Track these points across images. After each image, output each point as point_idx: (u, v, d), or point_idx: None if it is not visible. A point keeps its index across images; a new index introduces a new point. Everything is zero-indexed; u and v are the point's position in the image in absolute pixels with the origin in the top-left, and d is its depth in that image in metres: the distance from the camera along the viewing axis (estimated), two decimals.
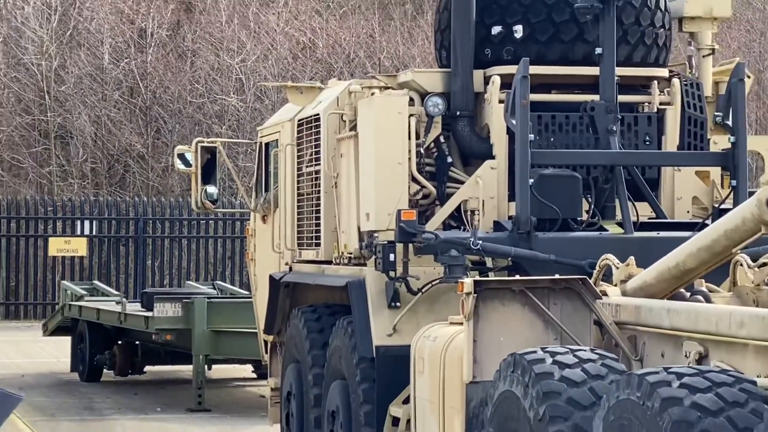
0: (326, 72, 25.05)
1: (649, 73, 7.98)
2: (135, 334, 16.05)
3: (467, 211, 7.47)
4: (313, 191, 8.72)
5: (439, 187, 7.83)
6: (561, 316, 5.53)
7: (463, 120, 7.86)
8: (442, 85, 7.81)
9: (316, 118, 8.65)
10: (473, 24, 7.94)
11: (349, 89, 7.89)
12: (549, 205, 6.94)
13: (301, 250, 8.87)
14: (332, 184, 8.38)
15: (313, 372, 7.85)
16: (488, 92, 7.68)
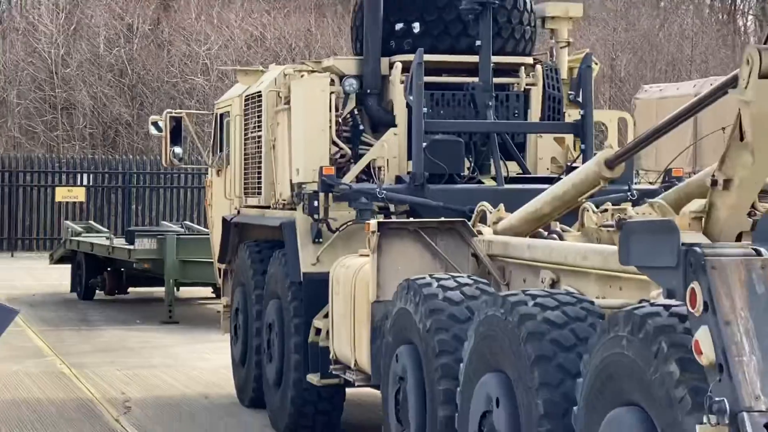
0: (273, 59, 25.39)
1: (518, 60, 7.86)
2: (121, 263, 15.77)
3: (375, 167, 7.36)
4: (256, 152, 8.51)
5: (354, 149, 7.69)
6: (446, 250, 5.56)
7: (372, 97, 7.73)
8: (356, 69, 7.69)
9: (259, 94, 8.51)
10: (380, 21, 7.73)
11: (284, 72, 7.69)
12: (438, 164, 6.95)
13: (247, 198, 8.71)
14: (271, 147, 8.22)
15: (255, 293, 7.81)
16: (392, 75, 7.64)
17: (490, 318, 3.61)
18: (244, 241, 8.36)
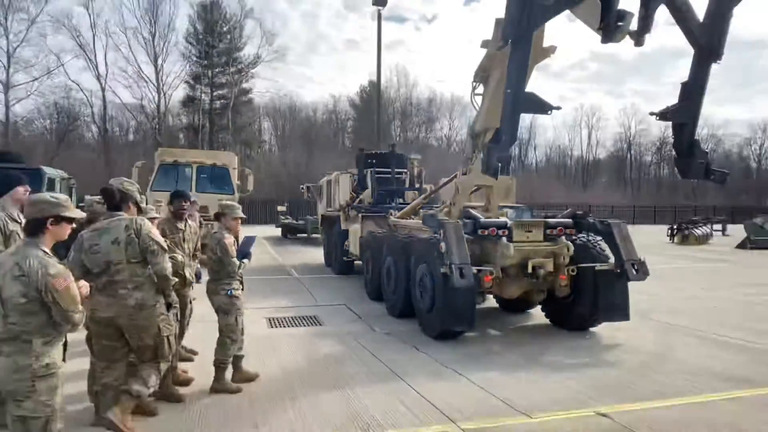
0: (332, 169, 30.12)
1: (404, 169, 14.26)
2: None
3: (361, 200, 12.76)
4: (332, 194, 15.99)
5: (355, 196, 13.00)
6: (379, 223, 11.08)
7: (360, 181, 13.27)
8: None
9: (329, 180, 16.48)
10: (363, 164, 14.14)
11: (336, 174, 15.80)
12: (382, 199, 13.45)
13: (327, 209, 16.13)
14: (334, 193, 15.50)
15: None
16: (368, 175, 13.18)
17: (391, 240, 8.56)
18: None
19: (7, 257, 2.62)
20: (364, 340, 6.63)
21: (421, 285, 6.99)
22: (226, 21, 49.93)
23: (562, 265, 6.77)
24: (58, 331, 2.65)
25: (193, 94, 49.75)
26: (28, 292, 2.50)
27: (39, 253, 2.58)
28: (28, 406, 2.52)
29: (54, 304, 2.53)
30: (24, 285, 2.49)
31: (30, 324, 2.52)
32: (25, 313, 2.50)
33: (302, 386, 4.87)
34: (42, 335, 2.57)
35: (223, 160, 15.89)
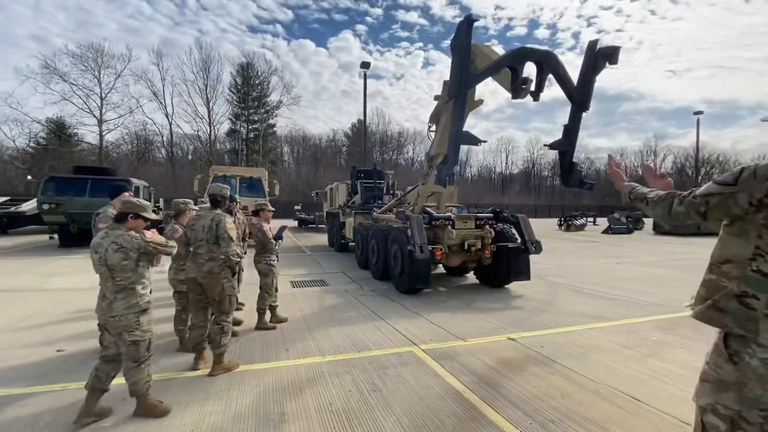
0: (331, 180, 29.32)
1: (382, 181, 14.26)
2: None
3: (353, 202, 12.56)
4: (332, 197, 16.33)
5: (349, 199, 13.36)
6: (366, 217, 11.36)
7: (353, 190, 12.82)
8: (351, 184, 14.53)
9: (332, 188, 15.65)
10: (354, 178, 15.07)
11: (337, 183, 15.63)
12: (366, 202, 12.82)
13: (327, 208, 16.42)
14: (334, 197, 15.69)
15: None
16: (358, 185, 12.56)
17: (374, 228, 8.25)
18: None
19: (102, 240, 2.66)
20: (356, 294, 6.63)
21: (395, 258, 6.99)
22: (257, 76, 48.84)
23: (487, 244, 6.85)
24: (148, 280, 2.79)
25: (235, 127, 48.66)
26: (127, 256, 2.62)
27: (123, 233, 2.68)
28: (137, 333, 2.66)
29: (155, 248, 2.74)
30: (123, 253, 2.62)
31: (130, 278, 2.65)
32: (126, 270, 2.63)
33: (316, 325, 4.93)
34: (140, 283, 2.70)
35: (257, 173, 15.73)
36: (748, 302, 1.28)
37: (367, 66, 23.00)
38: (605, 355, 3.95)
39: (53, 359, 3.78)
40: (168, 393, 3.08)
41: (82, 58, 36.85)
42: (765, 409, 1.24)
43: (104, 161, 36.32)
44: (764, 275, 1.26)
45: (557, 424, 2.69)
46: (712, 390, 1.34)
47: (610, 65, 5.81)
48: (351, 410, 2.85)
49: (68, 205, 11.77)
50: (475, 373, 3.47)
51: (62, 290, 6.65)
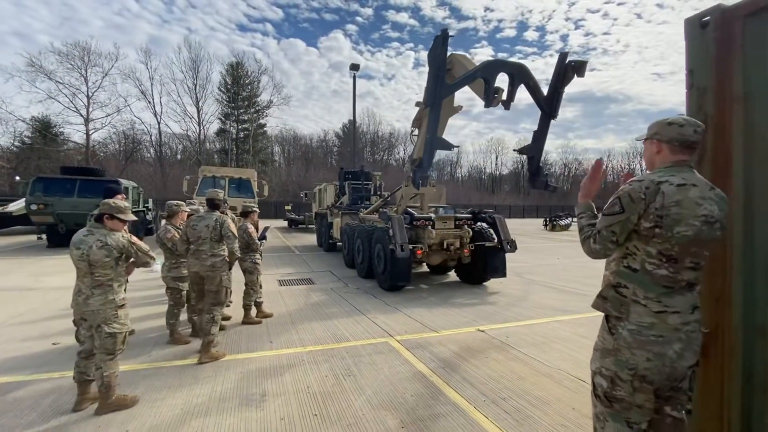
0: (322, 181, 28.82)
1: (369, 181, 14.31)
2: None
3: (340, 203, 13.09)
4: (321, 198, 16.42)
5: (337, 200, 13.17)
6: (353, 217, 11.95)
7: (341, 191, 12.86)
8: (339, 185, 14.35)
9: (320, 188, 15.86)
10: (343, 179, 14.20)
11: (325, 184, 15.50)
12: (353, 202, 13.01)
13: (316, 209, 16.62)
14: (322, 197, 15.07)
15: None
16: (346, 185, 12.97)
17: (359, 228, 8.39)
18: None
19: (85, 237, 2.82)
20: (341, 292, 6.83)
21: (378, 257, 7.17)
22: (247, 76, 48.83)
23: (465, 243, 7.05)
24: (124, 279, 2.97)
25: (224, 127, 48.54)
26: (110, 254, 2.80)
27: (108, 232, 2.86)
28: (115, 326, 2.83)
29: (137, 251, 2.92)
30: (107, 251, 2.79)
31: (109, 275, 2.83)
32: (106, 267, 2.80)
33: (300, 320, 5.19)
34: (117, 281, 2.88)
35: (246, 174, 15.90)
36: (621, 291, 1.61)
37: (357, 68, 23.30)
38: (564, 343, 4.33)
39: (51, 351, 4.04)
40: (159, 379, 3.37)
41: (69, 56, 36.53)
42: (632, 368, 1.55)
43: (91, 161, 36.04)
44: (632, 270, 1.58)
45: (507, 401, 3.05)
46: (599, 357, 1.66)
47: (578, 77, 6.20)
48: (326, 392, 3.18)
49: (57, 205, 11.88)
50: (442, 360, 3.82)
51: (53, 289, 6.85)
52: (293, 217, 24.86)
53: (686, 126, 1.58)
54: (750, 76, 1.93)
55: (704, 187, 1.55)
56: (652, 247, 1.54)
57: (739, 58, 1.95)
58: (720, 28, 2.00)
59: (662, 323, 1.53)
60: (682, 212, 1.49)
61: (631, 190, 1.55)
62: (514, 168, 70.28)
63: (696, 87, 2.09)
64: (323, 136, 61.94)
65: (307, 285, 7.52)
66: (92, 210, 12.79)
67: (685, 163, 1.60)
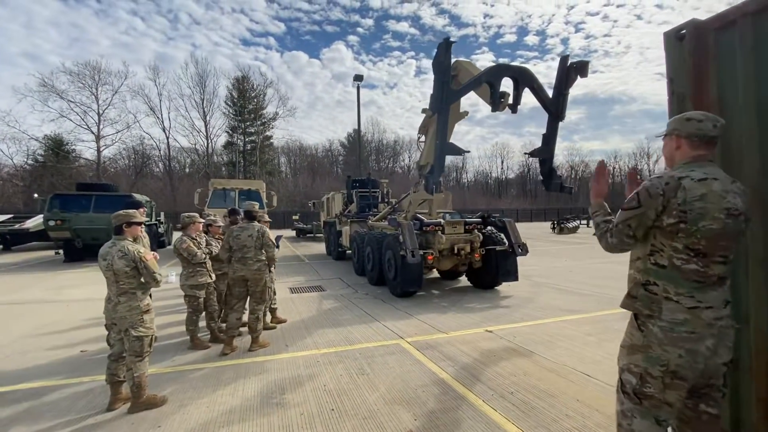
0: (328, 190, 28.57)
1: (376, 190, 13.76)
2: None
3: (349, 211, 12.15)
4: (329, 207, 16.53)
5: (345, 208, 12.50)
6: (362, 225, 10.99)
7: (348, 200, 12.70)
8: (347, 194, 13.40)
9: (329, 197, 15.92)
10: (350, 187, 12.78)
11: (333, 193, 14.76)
12: (361, 211, 12.40)
13: (325, 217, 16.45)
14: (330, 206, 15.40)
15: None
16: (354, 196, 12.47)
17: (369, 236, 8.42)
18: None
19: (110, 249, 3.05)
20: (351, 298, 6.96)
21: (389, 263, 7.16)
22: (253, 89, 49.83)
23: (476, 248, 7.08)
24: (147, 286, 3.14)
25: (232, 140, 49.43)
26: (129, 264, 3.01)
27: (128, 244, 3.08)
28: (141, 329, 3.04)
29: (144, 269, 3.05)
30: (127, 261, 3.01)
31: (132, 283, 3.04)
32: (128, 276, 3.02)
33: (313, 324, 5.38)
34: (141, 288, 3.09)
35: (255, 186, 16.25)
36: (651, 289, 1.59)
37: (360, 79, 23.72)
38: (569, 341, 4.46)
39: (79, 358, 4.28)
40: (184, 383, 3.58)
41: (80, 75, 37.67)
42: (663, 365, 1.54)
43: (102, 176, 36.88)
44: (660, 266, 1.57)
45: (514, 394, 3.20)
46: (627, 353, 1.65)
47: (581, 78, 6.18)
48: (342, 389, 3.36)
49: (74, 221, 12.28)
50: (452, 359, 3.98)
51: (76, 301, 7.14)
52: (301, 226, 25.11)
53: (705, 121, 1.57)
54: (723, 83, 2.12)
55: (726, 181, 1.55)
56: (678, 242, 1.53)
57: (713, 67, 2.15)
58: (695, 41, 2.19)
59: (696, 319, 1.51)
60: (707, 206, 1.49)
61: (650, 186, 1.56)
62: (521, 171, 70.20)
63: (676, 93, 2.28)
64: (328, 145, 62.84)
65: (318, 292, 7.66)
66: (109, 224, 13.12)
67: (706, 158, 1.59)
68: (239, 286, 4.45)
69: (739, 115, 2.03)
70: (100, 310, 6.03)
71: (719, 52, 2.13)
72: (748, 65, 2.00)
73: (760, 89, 1.96)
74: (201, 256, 4.57)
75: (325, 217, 15.17)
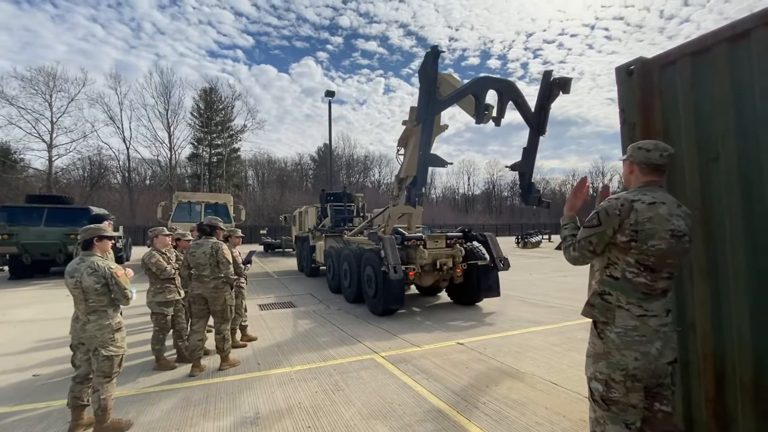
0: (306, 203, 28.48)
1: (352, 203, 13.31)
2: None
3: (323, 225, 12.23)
4: (302, 221, 15.69)
5: (319, 222, 12.48)
6: (337, 240, 10.82)
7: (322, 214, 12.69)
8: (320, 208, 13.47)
9: (301, 211, 14.80)
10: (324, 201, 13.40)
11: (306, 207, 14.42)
12: (336, 226, 12.22)
13: (299, 231, 15.91)
14: (302, 220, 15.06)
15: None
16: (328, 208, 12.50)
17: (345, 251, 8.09)
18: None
19: (78, 264, 2.91)
20: (323, 314, 6.92)
21: (368, 280, 6.94)
22: (221, 101, 48.97)
23: (458, 263, 6.95)
24: (118, 304, 2.98)
25: (197, 152, 48.03)
26: (99, 280, 2.86)
27: (98, 259, 2.95)
28: (111, 349, 2.89)
29: (115, 285, 2.91)
30: (97, 277, 2.86)
31: (102, 301, 2.90)
32: (98, 294, 2.88)
33: (285, 341, 5.28)
34: (111, 306, 2.94)
35: (222, 199, 15.86)
36: (606, 298, 1.73)
37: (332, 95, 23.91)
38: (537, 352, 4.65)
39: (31, 383, 3.98)
40: (151, 405, 3.42)
41: (32, 81, 35.56)
42: (623, 369, 1.65)
43: (53, 188, 34.62)
44: (614, 278, 1.72)
45: (487, 405, 3.30)
46: (592, 362, 1.75)
47: (563, 94, 6.17)
48: (317, 406, 3.33)
49: (21, 235, 11.45)
50: (426, 372, 4.04)
51: (24, 322, 6.63)
52: (269, 241, 24.60)
53: (653, 151, 1.72)
54: (667, 115, 2.38)
55: (672, 205, 1.70)
56: (630, 257, 1.67)
57: (658, 101, 2.41)
58: (642, 76, 2.46)
59: (644, 325, 1.65)
60: (655, 227, 1.63)
61: (608, 206, 1.70)
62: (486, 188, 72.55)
63: (627, 122, 2.53)
64: (298, 159, 62.25)
65: (289, 309, 7.54)
66: (61, 239, 12.22)
67: (656, 183, 1.74)
68: (198, 305, 4.28)
69: (681, 145, 2.29)
70: (51, 331, 5.76)
71: (663, 88, 2.40)
72: (687, 100, 2.27)
73: (698, 122, 2.23)
74: (170, 271, 4.42)
75: (297, 232, 14.87)
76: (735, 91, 2.05)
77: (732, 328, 2.09)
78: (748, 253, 2.00)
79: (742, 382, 2.04)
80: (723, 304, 2.14)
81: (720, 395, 2.16)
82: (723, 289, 2.14)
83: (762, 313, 1.97)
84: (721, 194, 2.11)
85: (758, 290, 1.98)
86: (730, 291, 2.09)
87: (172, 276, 4.46)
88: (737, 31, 2.03)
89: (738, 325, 2.05)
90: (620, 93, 2.56)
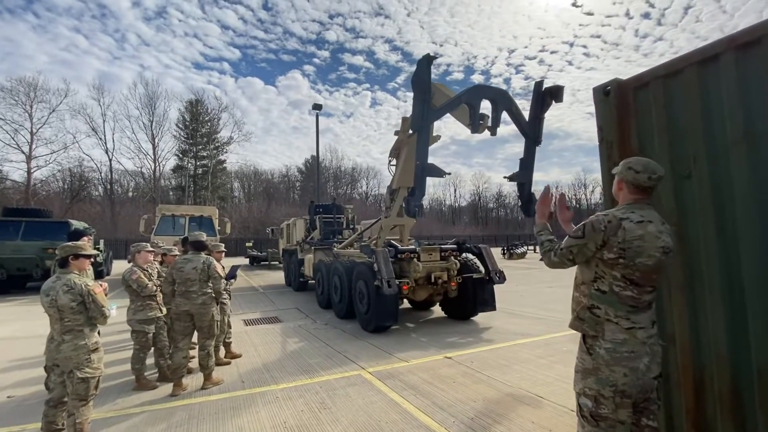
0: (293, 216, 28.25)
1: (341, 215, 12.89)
2: None
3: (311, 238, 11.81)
4: (290, 234, 14.87)
5: (307, 234, 12.19)
6: (327, 253, 10.14)
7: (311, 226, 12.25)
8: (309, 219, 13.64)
9: (289, 224, 13.82)
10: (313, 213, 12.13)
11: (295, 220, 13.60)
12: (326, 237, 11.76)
13: (287, 244, 15.36)
14: (291, 233, 14.18)
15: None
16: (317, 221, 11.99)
17: (336, 264, 7.72)
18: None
19: (54, 283, 2.81)
20: (309, 328, 6.85)
21: (360, 295, 6.72)
22: (207, 113, 48.66)
23: (452, 276, 6.76)
24: (95, 323, 2.87)
25: (182, 164, 47.44)
26: (75, 298, 2.76)
27: (74, 277, 2.86)
28: (87, 371, 2.76)
29: (92, 303, 2.81)
30: (73, 295, 2.76)
31: (79, 320, 2.79)
32: (74, 312, 2.77)
33: (270, 358, 5.19)
34: (87, 325, 2.83)
35: (207, 212, 15.63)
36: (595, 312, 1.75)
37: (320, 108, 24.04)
38: (523, 365, 4.66)
39: (6, 404, 3.80)
40: (130, 427, 3.30)
41: (12, 91, 34.78)
42: (612, 385, 1.66)
43: (32, 200, 33.62)
44: (602, 292, 1.74)
45: (475, 420, 3.29)
46: (581, 378, 1.75)
47: (556, 103, 6.20)
48: (303, 425, 3.26)
49: None
50: (413, 388, 4.01)
51: None
52: (255, 254, 24.26)
53: (642, 173, 1.74)
54: (642, 135, 2.47)
55: (658, 222, 1.74)
56: (617, 271, 1.71)
57: (634, 120, 2.50)
58: (618, 97, 2.55)
59: (633, 338, 1.68)
60: (644, 245, 1.67)
61: (594, 221, 1.74)
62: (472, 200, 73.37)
63: (605, 141, 2.61)
64: (285, 171, 62.01)
65: (274, 324, 7.42)
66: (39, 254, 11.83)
67: (644, 201, 1.77)
68: (183, 321, 4.18)
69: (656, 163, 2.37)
70: (27, 350, 5.53)
71: (638, 108, 2.49)
72: (660, 120, 2.36)
73: (671, 141, 2.32)
74: (151, 288, 4.32)
75: (285, 245, 14.49)
76: (705, 112, 2.14)
77: (709, 340, 2.14)
78: (722, 268, 2.07)
79: (720, 392, 2.09)
80: (700, 317, 2.20)
81: (700, 406, 2.20)
82: (699, 302, 2.19)
83: (737, 325, 2.02)
84: (696, 211, 2.18)
85: (732, 304, 2.04)
86: (707, 304, 2.15)
87: (154, 293, 4.36)
88: (707, 54, 2.13)
89: (714, 337, 2.11)
90: (598, 112, 2.65)
